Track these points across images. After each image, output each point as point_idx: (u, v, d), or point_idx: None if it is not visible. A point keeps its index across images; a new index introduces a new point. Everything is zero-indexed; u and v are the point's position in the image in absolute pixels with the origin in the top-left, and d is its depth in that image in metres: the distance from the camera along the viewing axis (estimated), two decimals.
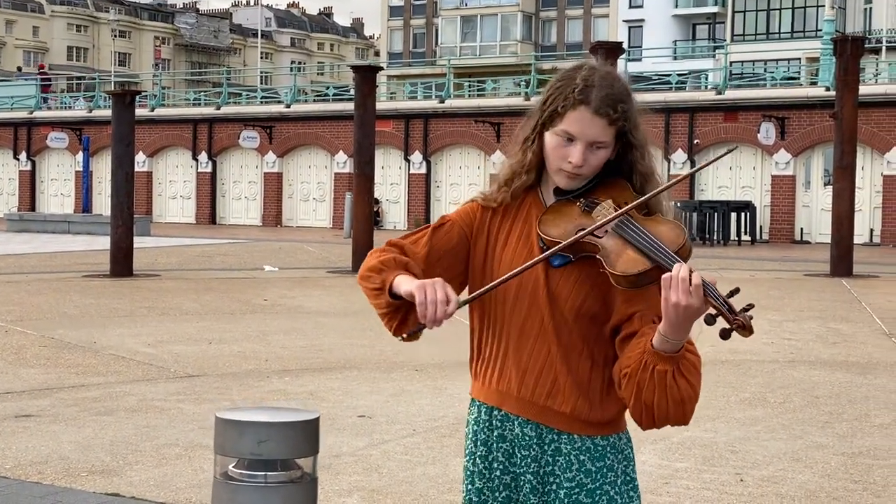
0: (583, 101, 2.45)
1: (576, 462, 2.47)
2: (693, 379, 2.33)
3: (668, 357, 2.30)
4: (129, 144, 18.39)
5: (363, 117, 19.75)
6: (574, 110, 2.45)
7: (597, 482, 2.46)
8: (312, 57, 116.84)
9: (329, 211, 38.29)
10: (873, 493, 5.74)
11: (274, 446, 2.18)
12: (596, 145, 2.46)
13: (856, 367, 9.71)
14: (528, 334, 2.49)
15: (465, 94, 42.30)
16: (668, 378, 2.30)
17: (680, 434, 6.92)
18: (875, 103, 28.88)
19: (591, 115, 2.44)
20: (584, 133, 2.45)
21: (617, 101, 2.46)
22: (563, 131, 2.47)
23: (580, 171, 2.47)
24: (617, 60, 20.53)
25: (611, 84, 2.48)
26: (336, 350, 10.49)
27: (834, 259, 18.91)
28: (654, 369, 2.30)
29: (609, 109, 2.45)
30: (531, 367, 2.49)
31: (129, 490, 5.68)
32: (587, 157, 2.46)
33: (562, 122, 2.47)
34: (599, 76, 2.49)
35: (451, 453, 6.48)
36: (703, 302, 2.25)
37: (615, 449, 2.50)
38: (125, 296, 14.90)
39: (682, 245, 2.37)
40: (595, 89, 2.46)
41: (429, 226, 2.63)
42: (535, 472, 2.49)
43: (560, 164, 2.48)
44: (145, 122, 39.08)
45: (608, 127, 2.46)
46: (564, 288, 2.46)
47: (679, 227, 2.42)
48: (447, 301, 2.33)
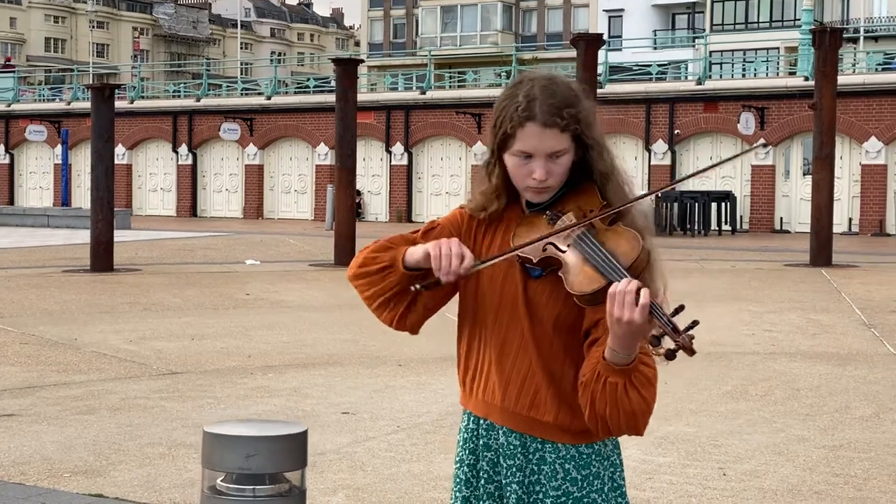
0: (529, 116, 2.44)
1: (561, 471, 2.47)
2: (645, 392, 2.33)
3: (619, 370, 2.30)
4: (109, 139, 18.31)
5: (344, 110, 19.72)
6: (523, 128, 2.44)
7: (583, 490, 2.47)
8: (292, 47, 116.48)
9: (311, 203, 38.23)
10: (854, 486, 5.78)
11: (262, 460, 2.19)
12: (555, 155, 2.45)
13: (836, 359, 9.77)
14: (510, 346, 2.50)
15: (446, 85, 42.27)
16: (620, 390, 2.30)
17: (663, 429, 6.95)
18: (853, 93, 29.01)
19: (541, 128, 2.43)
20: (539, 147, 2.44)
21: (562, 106, 2.44)
22: (518, 151, 2.46)
23: (546, 184, 2.46)
24: (597, 52, 20.54)
25: (553, 92, 2.46)
26: (319, 345, 10.49)
27: (813, 249, 19.00)
28: (606, 381, 2.31)
29: (556, 118, 2.43)
30: (514, 378, 2.50)
31: (112, 491, 5.67)
32: (550, 169, 2.45)
33: (515, 142, 2.46)
34: (540, 87, 2.47)
35: (435, 450, 6.49)
36: (648, 320, 2.23)
37: (600, 456, 2.50)
38: (106, 291, 14.85)
39: (636, 258, 2.35)
40: (538, 101, 2.44)
41: (418, 230, 2.63)
42: (521, 482, 2.50)
43: (525, 182, 2.48)
44: (125, 115, 38.90)
45: (561, 134, 2.44)
46: (542, 299, 2.46)
47: (635, 238, 2.39)
48: (462, 256, 2.36)
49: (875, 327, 11.70)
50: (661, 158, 32.51)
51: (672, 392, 8.15)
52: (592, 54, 19.99)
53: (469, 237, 2.59)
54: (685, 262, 19.48)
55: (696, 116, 32.18)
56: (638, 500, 5.42)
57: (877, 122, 29.55)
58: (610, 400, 2.31)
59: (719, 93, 32.07)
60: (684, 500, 5.52)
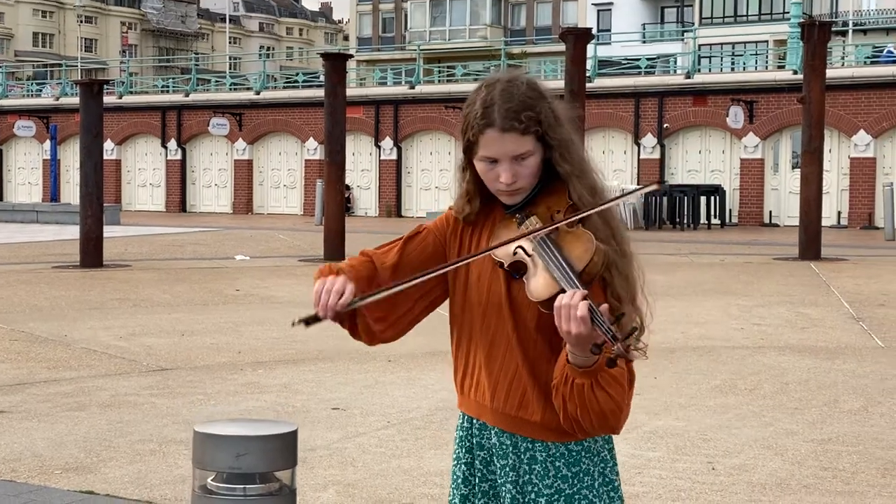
0: (487, 123, 2.45)
1: (552, 469, 2.49)
2: (613, 391, 2.34)
3: (584, 371, 2.31)
4: (98, 135, 18.28)
5: (333, 105, 19.71)
6: (484, 134, 2.46)
7: (574, 487, 2.49)
8: (281, 42, 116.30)
9: (300, 198, 38.20)
10: (843, 480, 5.81)
11: (252, 460, 2.20)
12: (519, 157, 2.46)
13: (824, 353, 9.81)
14: (497, 347, 2.52)
15: (435, 79, 42.26)
16: (587, 391, 2.32)
17: (652, 423, 6.99)
18: (842, 86, 29.08)
19: (500, 133, 2.45)
20: (502, 152, 2.45)
21: (520, 110, 2.45)
22: (483, 157, 2.48)
23: (515, 186, 2.48)
24: (586, 46, 20.56)
25: (510, 96, 2.46)
26: (309, 341, 10.48)
27: (802, 243, 19.05)
28: (573, 383, 2.33)
29: (514, 122, 2.44)
30: (501, 379, 2.52)
31: (103, 487, 5.68)
32: (516, 171, 2.47)
33: (479, 148, 2.48)
34: (499, 91, 2.48)
35: (425, 446, 6.51)
36: (592, 329, 2.24)
37: (590, 452, 2.51)
38: (96, 287, 14.84)
39: (588, 262, 2.36)
40: (496, 107, 2.45)
41: (403, 236, 2.66)
42: (514, 482, 2.52)
43: (495, 186, 2.50)
44: (113, 110, 38.83)
45: (522, 137, 2.45)
46: (524, 300, 2.47)
47: (589, 242, 2.39)
48: (341, 293, 2.40)
49: (863, 321, 11.75)
50: (651, 152, 32.56)
51: (661, 387, 8.18)
52: (581, 49, 20.00)
53: (455, 238, 2.62)
54: (675, 256, 19.52)
55: (685, 110, 32.22)
56: (627, 494, 5.43)
57: (865, 115, 29.63)
58: (579, 401, 2.33)
59: (708, 86, 32.12)
60: (673, 494, 5.54)
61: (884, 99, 29.51)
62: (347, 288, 2.42)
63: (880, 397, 7.89)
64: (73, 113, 40.27)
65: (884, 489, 5.65)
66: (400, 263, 2.59)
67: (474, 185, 2.56)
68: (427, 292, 2.59)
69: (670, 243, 22.83)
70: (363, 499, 5.49)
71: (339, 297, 2.40)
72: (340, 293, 2.41)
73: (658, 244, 22.11)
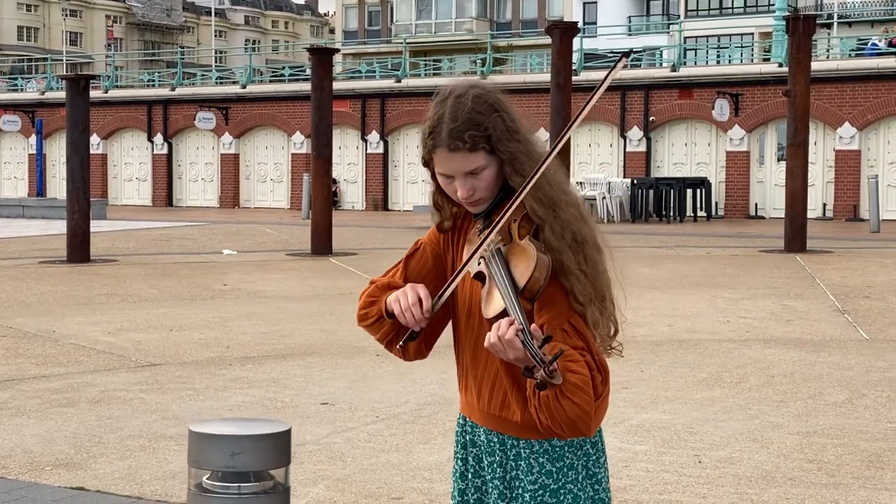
0: (435, 144, 2.50)
1: (536, 465, 2.54)
2: (578, 399, 2.36)
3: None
4: (85, 130, 18.26)
5: (320, 99, 19.71)
6: (435, 154, 2.51)
7: (559, 482, 2.54)
8: (266, 35, 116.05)
9: (286, 192, 38.18)
10: (828, 472, 5.87)
11: (247, 458, 2.25)
12: (473, 172, 2.50)
13: (810, 345, 9.88)
14: (480, 350, 2.58)
15: (422, 73, 42.24)
16: (552, 402, 2.35)
17: (639, 416, 7.04)
18: (827, 79, 29.18)
19: (448, 153, 2.49)
20: (454, 169, 2.50)
21: (465, 130, 2.47)
22: (439, 173, 2.55)
23: (473, 199, 2.53)
24: (572, 40, 20.60)
25: (455, 114, 2.49)
26: (297, 335, 10.53)
27: (788, 235, 19.14)
28: (539, 395, 2.37)
29: (459, 142, 2.47)
30: (485, 382, 2.60)
31: (94, 483, 5.71)
32: (472, 185, 2.51)
33: (434, 165, 2.54)
34: (448, 108, 2.51)
35: (414, 440, 6.55)
36: (524, 352, 2.28)
37: (573, 447, 2.56)
38: (83, 282, 14.84)
39: (529, 278, 2.38)
40: (443, 127, 2.49)
41: (403, 257, 2.74)
42: (502, 478, 2.59)
43: (456, 199, 2.57)
44: (99, 104, 38.71)
45: (471, 154, 2.48)
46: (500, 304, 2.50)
47: (532, 257, 2.40)
48: (419, 302, 2.47)
49: (848, 313, 11.83)
50: (637, 145, 32.63)
51: (648, 380, 8.24)
52: (568, 42, 20.04)
53: (448, 246, 2.70)
54: (661, 249, 19.59)
55: (670, 103, 32.29)
56: (614, 488, 5.49)
57: (850, 107, 29.74)
58: (547, 412, 2.37)
59: (694, 79, 32.18)
60: (660, 487, 5.59)
61: (868, 91, 29.62)
62: (422, 293, 2.50)
63: (865, 389, 7.96)
64: (59, 107, 40.16)
65: (868, 481, 5.71)
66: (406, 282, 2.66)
67: (440, 196, 2.63)
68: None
69: (657, 236, 22.91)
70: (353, 493, 5.53)
71: (420, 308, 2.48)
72: (419, 302, 2.48)
73: (644, 237, 22.18)
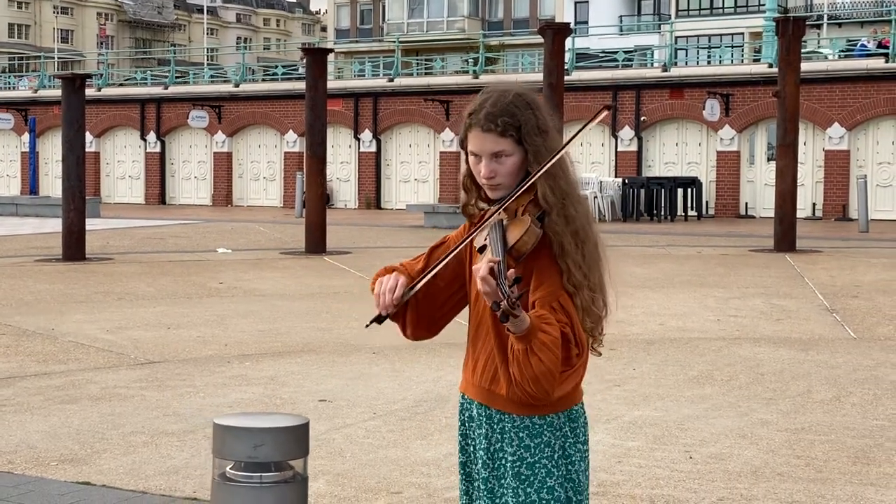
0: (472, 123, 2.83)
1: (516, 439, 2.80)
2: (544, 356, 2.60)
3: (519, 337, 2.59)
4: (80, 129, 18.37)
5: (314, 99, 19.83)
6: (470, 132, 2.83)
7: (535, 456, 2.80)
8: (258, 33, 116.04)
9: (279, 190, 38.30)
10: (815, 468, 6.02)
11: (268, 450, 2.41)
12: (497, 156, 2.80)
13: (799, 344, 10.03)
14: (481, 329, 2.85)
15: (414, 72, 42.37)
16: (523, 356, 2.61)
17: (631, 413, 7.19)
18: (816, 80, 29.37)
19: (481, 132, 2.80)
20: (482, 149, 2.81)
21: (500, 115, 2.78)
22: (470, 152, 2.85)
23: (494, 181, 2.81)
24: (565, 40, 20.75)
25: (497, 102, 2.81)
26: (294, 333, 10.65)
27: (778, 235, 19.32)
28: (514, 349, 2.63)
29: (492, 124, 2.78)
30: (481, 357, 2.86)
31: (99, 478, 5.83)
32: (495, 169, 2.80)
33: (468, 143, 2.85)
34: (493, 97, 2.83)
35: (411, 436, 6.68)
36: (496, 289, 2.54)
37: (552, 427, 2.80)
38: (80, 281, 14.95)
39: (518, 239, 2.68)
40: (483, 110, 2.81)
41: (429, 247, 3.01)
42: (486, 449, 2.84)
43: (479, 180, 2.86)
44: (92, 102, 38.68)
45: (501, 138, 2.78)
46: None
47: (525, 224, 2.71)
48: (394, 289, 2.77)
49: (837, 312, 11.99)
50: (628, 145, 32.81)
51: (640, 378, 8.39)
52: (560, 43, 20.20)
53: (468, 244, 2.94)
54: (652, 248, 19.76)
55: (662, 103, 32.47)
56: (607, 483, 5.65)
57: (840, 108, 29.95)
58: (517, 365, 2.63)
59: (685, 79, 32.37)
60: (652, 482, 5.74)
61: (857, 92, 29.83)
62: (399, 282, 2.79)
63: (852, 387, 8.12)
64: (52, 105, 40.25)
65: (854, 476, 5.86)
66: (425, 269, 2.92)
67: (469, 179, 2.91)
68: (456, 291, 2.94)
69: (648, 235, 23.08)
70: (353, 488, 5.67)
71: (391, 294, 2.77)
72: (394, 290, 2.77)
73: (635, 236, 22.35)
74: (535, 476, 2.77)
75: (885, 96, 29.50)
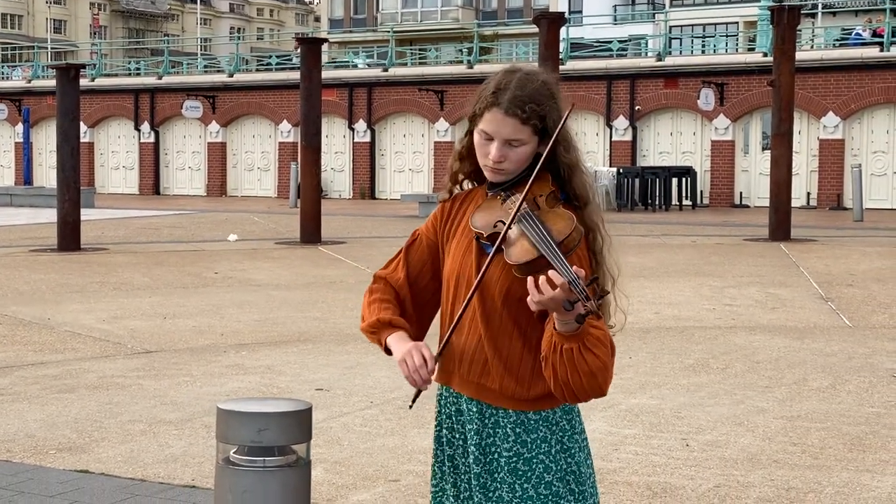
0: (494, 102, 2.68)
1: (512, 434, 2.71)
2: (599, 351, 2.52)
3: (571, 336, 2.50)
4: (75, 119, 18.35)
5: (309, 89, 19.83)
6: (489, 111, 2.68)
7: (532, 451, 2.71)
8: (251, 23, 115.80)
9: (274, 180, 38.26)
10: (811, 455, 6.04)
11: (272, 434, 2.41)
12: (513, 143, 2.68)
13: (794, 332, 10.06)
14: (464, 319, 2.74)
15: (408, 62, 42.32)
16: (576, 354, 2.51)
17: (628, 401, 7.21)
18: (811, 68, 29.37)
19: (503, 115, 2.66)
20: (498, 132, 2.67)
21: (527, 101, 2.66)
22: (481, 130, 2.71)
23: (500, 166, 2.69)
24: (559, 30, 20.74)
25: (524, 86, 2.68)
26: (290, 323, 10.67)
27: (772, 224, 19.35)
28: (562, 349, 2.52)
29: (518, 110, 2.65)
30: (467, 349, 2.75)
31: (98, 467, 5.85)
32: (505, 154, 2.68)
33: (481, 121, 2.70)
34: (518, 79, 2.69)
35: (408, 425, 6.70)
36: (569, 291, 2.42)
37: (548, 422, 2.72)
38: (75, 271, 14.95)
39: (568, 236, 2.56)
40: (508, 91, 2.67)
41: (403, 248, 2.90)
42: (478, 444, 2.75)
43: (484, 161, 2.73)
44: (86, 93, 38.58)
45: (522, 126, 2.66)
46: (494, 274, 2.68)
47: (570, 219, 2.60)
48: (425, 363, 2.65)
49: (832, 300, 12.02)
50: (623, 134, 32.80)
51: (636, 366, 8.41)
52: (555, 33, 20.19)
53: (443, 228, 2.85)
54: (648, 238, 19.77)
55: (656, 92, 32.47)
56: (605, 470, 5.67)
57: (834, 97, 29.96)
58: (569, 365, 2.52)
59: (679, 69, 32.37)
60: (649, 469, 5.76)
61: (852, 81, 29.84)
62: (426, 354, 2.67)
63: (847, 375, 8.15)
64: (46, 96, 40.15)
65: (850, 463, 5.89)
66: (408, 276, 2.85)
67: (467, 151, 2.80)
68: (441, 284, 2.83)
69: (643, 224, 23.10)
70: (351, 475, 5.69)
71: (425, 367, 2.65)
72: (424, 364, 2.65)
73: (630, 225, 22.36)
74: (533, 472, 2.69)
75: (880, 85, 29.51)
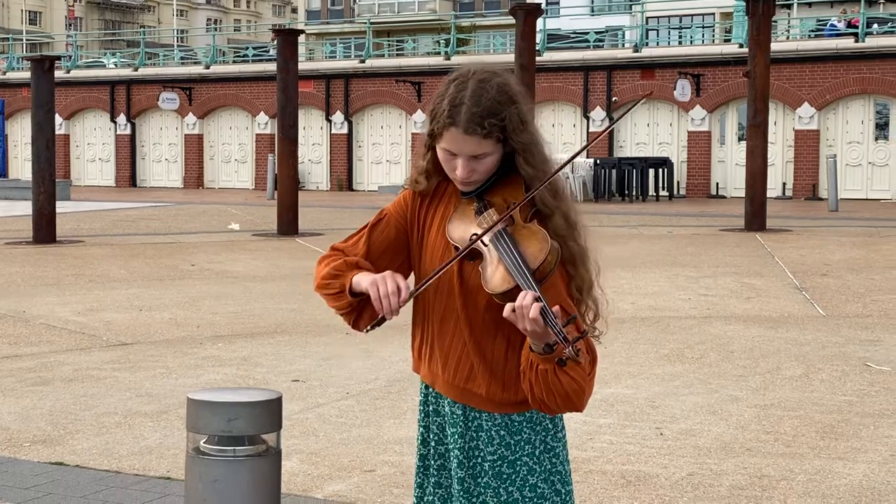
0: (451, 122, 2.56)
1: (496, 437, 2.68)
2: (575, 374, 2.47)
3: (546, 357, 2.44)
4: (50, 111, 18.26)
5: (286, 81, 19.79)
6: (447, 131, 2.57)
7: (516, 454, 2.67)
8: (228, 14, 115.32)
9: (251, 172, 38.18)
10: (784, 443, 6.09)
11: (242, 423, 2.42)
12: (478, 157, 2.58)
13: (768, 322, 10.13)
14: (447, 324, 2.69)
15: (385, 53, 42.27)
16: (550, 375, 2.46)
17: (603, 391, 7.24)
18: (787, 59, 29.51)
19: (462, 134, 2.55)
20: (461, 150, 2.58)
21: (486, 116, 2.54)
22: (443, 149, 2.61)
23: (469, 179, 2.61)
24: (536, 21, 20.76)
25: (479, 99, 2.56)
26: (266, 315, 10.66)
27: (748, 215, 19.45)
28: (538, 369, 2.48)
29: (477, 127, 2.54)
30: (451, 354, 2.70)
31: (73, 459, 5.84)
32: (472, 168, 2.59)
33: (441, 140, 2.60)
34: (472, 91, 2.57)
35: (384, 415, 6.72)
36: (545, 329, 2.38)
37: (532, 423, 2.69)
38: (50, 263, 14.89)
39: (543, 261, 2.48)
40: (463, 108, 2.55)
41: (367, 225, 2.80)
42: (462, 448, 2.71)
43: (451, 175, 2.65)
44: (61, 84, 38.43)
45: (483, 140, 2.56)
46: (475, 281, 2.62)
47: (544, 240, 2.51)
48: (398, 291, 2.53)
49: (806, 290, 12.09)
50: (600, 125, 32.85)
51: (611, 356, 8.44)
52: (531, 24, 20.21)
53: (414, 216, 2.77)
54: (624, 228, 19.83)
55: (633, 83, 32.54)
56: (579, 459, 5.70)
57: (809, 87, 30.10)
58: (544, 385, 2.49)
59: (656, 60, 32.45)
60: (623, 458, 5.80)
61: (827, 72, 29.98)
62: (402, 285, 2.54)
63: (820, 364, 8.21)
64: (21, 87, 39.94)
65: (822, 451, 5.94)
66: (368, 253, 2.74)
67: (433, 165, 2.70)
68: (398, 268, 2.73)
69: (619, 215, 23.16)
70: (327, 466, 5.70)
71: (398, 296, 2.52)
72: (397, 292, 2.52)
73: (607, 216, 22.43)
74: (517, 474, 2.65)
75: (855, 76, 29.66)
